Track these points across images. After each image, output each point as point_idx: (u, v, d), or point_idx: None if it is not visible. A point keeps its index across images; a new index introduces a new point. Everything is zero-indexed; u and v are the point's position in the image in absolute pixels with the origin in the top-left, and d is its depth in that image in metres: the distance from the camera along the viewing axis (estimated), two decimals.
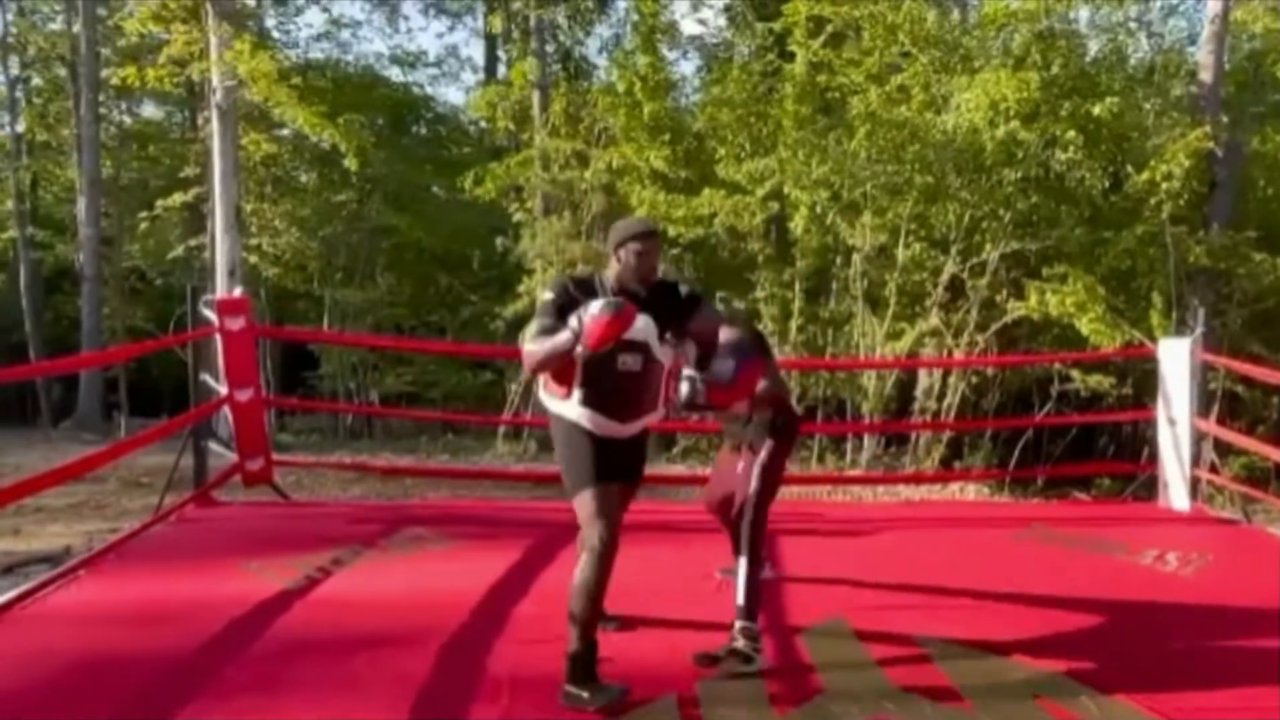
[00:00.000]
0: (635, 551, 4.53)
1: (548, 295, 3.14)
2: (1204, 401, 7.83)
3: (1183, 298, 9.39)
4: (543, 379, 3.24)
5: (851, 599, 3.94)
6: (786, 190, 10.19)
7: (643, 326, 3.02)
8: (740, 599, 3.29)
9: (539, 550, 4.78)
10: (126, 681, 3.13)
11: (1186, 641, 3.58)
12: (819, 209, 9.98)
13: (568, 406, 3.14)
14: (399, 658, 3.34)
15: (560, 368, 3.08)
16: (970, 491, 8.82)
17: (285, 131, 14.29)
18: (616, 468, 3.15)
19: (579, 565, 3.02)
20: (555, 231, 11.65)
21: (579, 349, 2.93)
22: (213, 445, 6.32)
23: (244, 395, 5.91)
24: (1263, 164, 10.43)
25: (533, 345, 3.10)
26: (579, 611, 2.98)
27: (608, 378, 3.06)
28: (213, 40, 11.57)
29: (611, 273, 3.22)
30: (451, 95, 22.20)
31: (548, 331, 3.05)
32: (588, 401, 3.10)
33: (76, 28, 15.47)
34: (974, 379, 9.83)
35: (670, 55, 14.74)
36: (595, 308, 2.90)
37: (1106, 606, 3.99)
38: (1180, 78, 11.12)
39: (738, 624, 3.25)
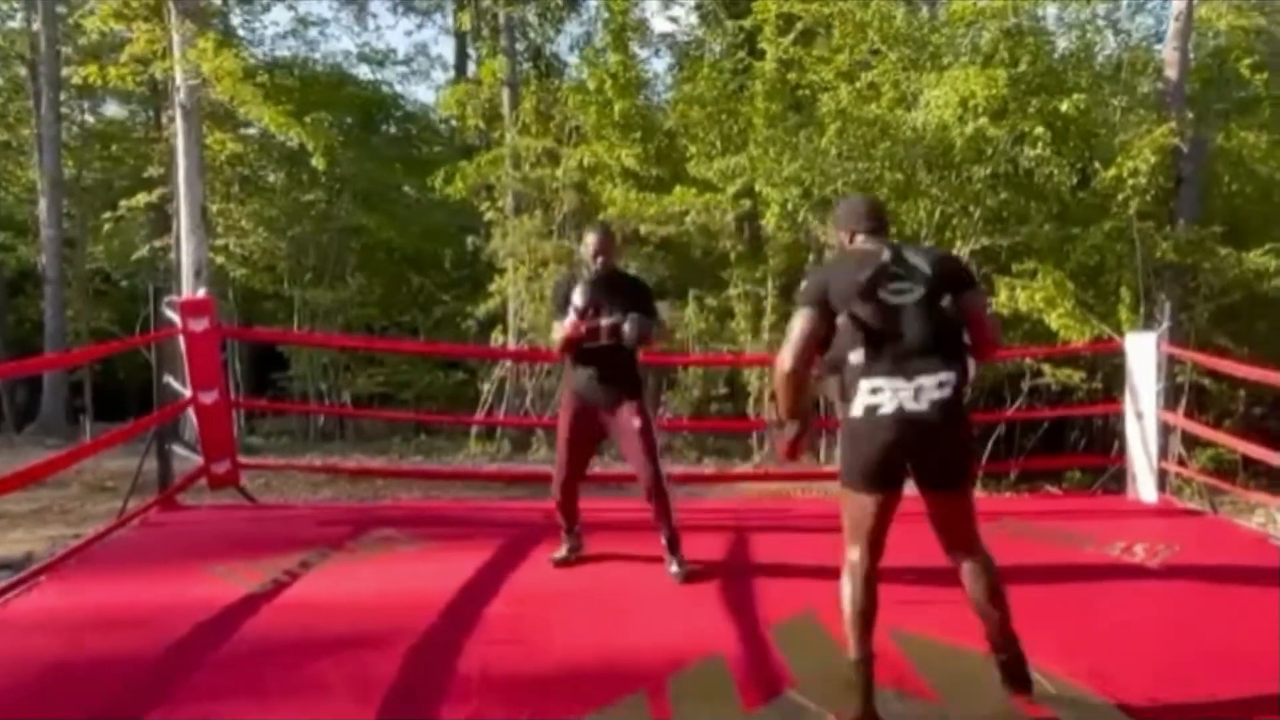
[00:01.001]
0: (607, 548, 4.55)
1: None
2: (1171, 395, 7.90)
3: (1150, 292, 9.48)
4: None
5: (822, 594, 3.90)
6: (758, 188, 10.20)
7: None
8: None
9: (510, 550, 4.73)
10: (90, 688, 3.07)
11: (1152, 632, 3.60)
12: (790, 206, 9.99)
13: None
14: (367, 660, 3.29)
15: None
16: None
17: (252, 131, 14.14)
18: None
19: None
20: (527, 230, 11.60)
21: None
22: (178, 449, 6.21)
23: (209, 397, 5.81)
24: (1227, 160, 10.55)
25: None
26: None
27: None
28: (175, 38, 11.41)
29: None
30: (421, 94, 22.12)
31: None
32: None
33: (36, 25, 15.20)
34: None
35: (641, 53, 14.71)
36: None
37: (1074, 598, 4.01)
38: (1147, 75, 11.23)
39: None
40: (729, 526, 5.20)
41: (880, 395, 2.72)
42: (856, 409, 2.78)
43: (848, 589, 2.92)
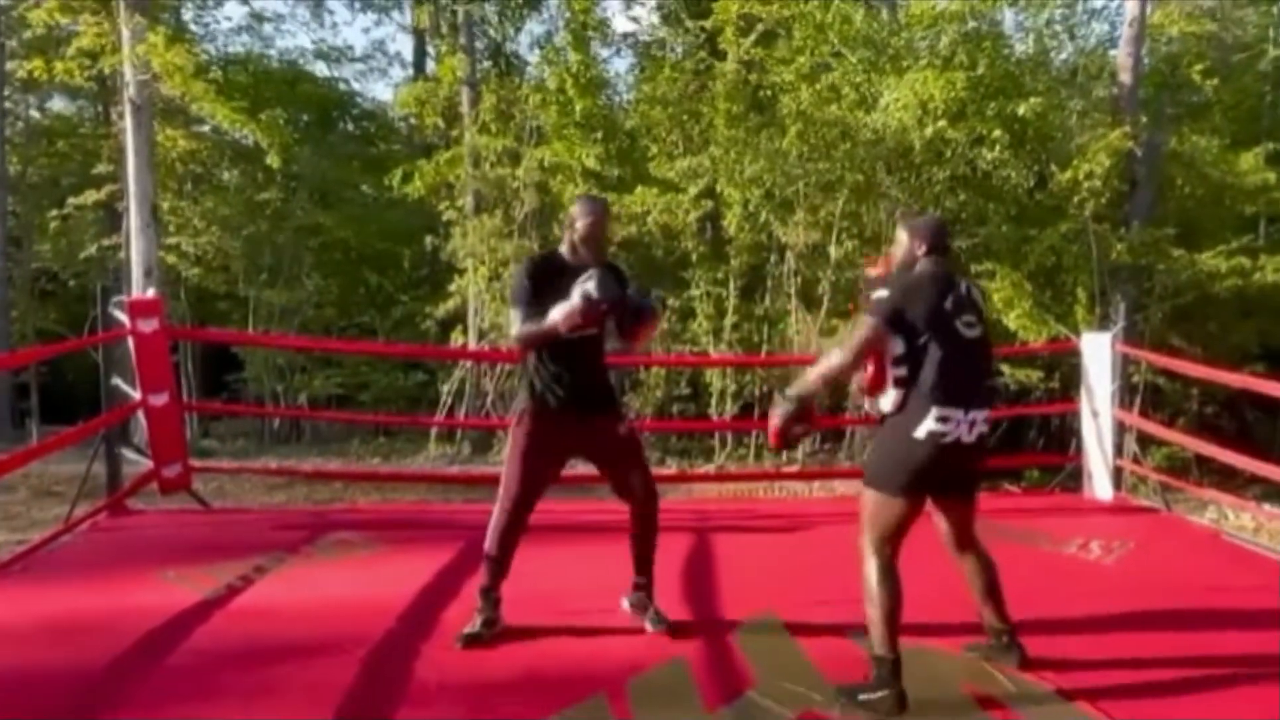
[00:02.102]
0: (568, 551, 4.50)
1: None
2: (1126, 394, 8.02)
3: (1106, 293, 9.63)
4: None
5: (784, 594, 3.92)
6: (719, 188, 10.21)
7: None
8: None
9: (469, 553, 4.64)
10: (36, 699, 2.99)
11: (1108, 628, 3.63)
12: (752, 207, 10.03)
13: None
14: (323, 666, 3.24)
15: None
16: None
17: (205, 128, 13.87)
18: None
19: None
20: (487, 230, 11.50)
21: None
22: (128, 452, 6.06)
23: (158, 400, 5.67)
24: (1180, 163, 10.74)
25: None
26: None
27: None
28: (124, 32, 11.16)
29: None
30: (379, 91, 21.83)
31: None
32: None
33: None
34: None
35: (603, 53, 14.67)
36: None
37: (1031, 595, 3.99)
38: (1102, 79, 11.42)
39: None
40: (691, 527, 5.18)
41: (947, 425, 2.91)
42: (920, 430, 2.93)
43: (884, 590, 3.02)
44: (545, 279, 3.34)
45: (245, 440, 13.02)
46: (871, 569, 3.05)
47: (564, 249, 3.49)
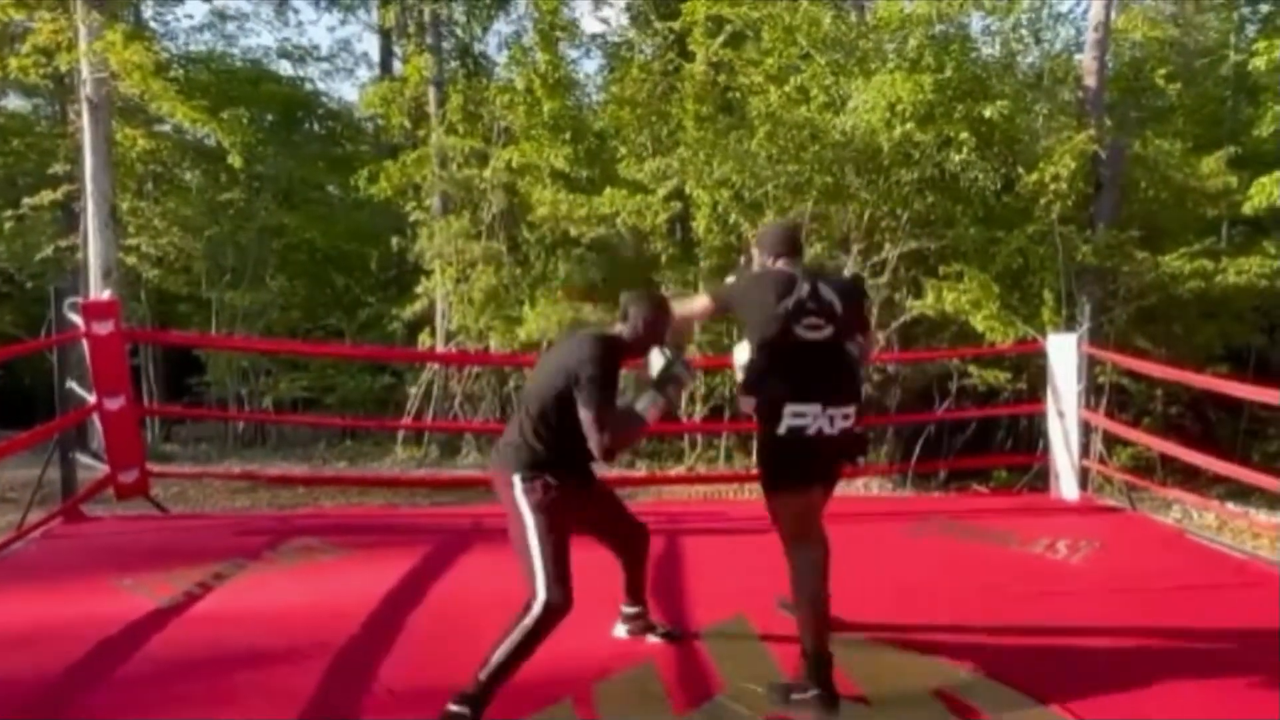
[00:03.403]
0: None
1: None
2: (1092, 395, 8.09)
3: (1072, 295, 9.71)
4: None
5: (753, 597, 3.89)
6: (688, 189, 10.19)
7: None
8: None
9: (435, 558, 4.60)
10: None
11: (1075, 627, 3.64)
12: (721, 208, 10.01)
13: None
14: (284, 673, 3.19)
15: None
16: (874, 487, 8.94)
17: (166, 127, 13.64)
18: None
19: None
20: (454, 231, 11.41)
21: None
22: (83, 457, 5.92)
23: (114, 403, 5.54)
24: (1144, 166, 10.85)
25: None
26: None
27: None
28: (81, 29, 10.94)
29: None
30: (345, 91, 21.64)
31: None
32: None
33: None
34: (876, 376, 9.98)
35: (572, 54, 14.64)
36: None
37: (998, 596, 4.07)
38: (1067, 83, 11.52)
39: None
40: (660, 530, 5.10)
41: (804, 419, 3.00)
42: (781, 428, 3.02)
43: (808, 587, 3.07)
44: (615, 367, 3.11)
45: (208, 444, 12.80)
46: (792, 568, 3.12)
47: (624, 334, 3.18)
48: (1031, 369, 9.34)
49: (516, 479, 3.03)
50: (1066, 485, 6.25)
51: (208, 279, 13.54)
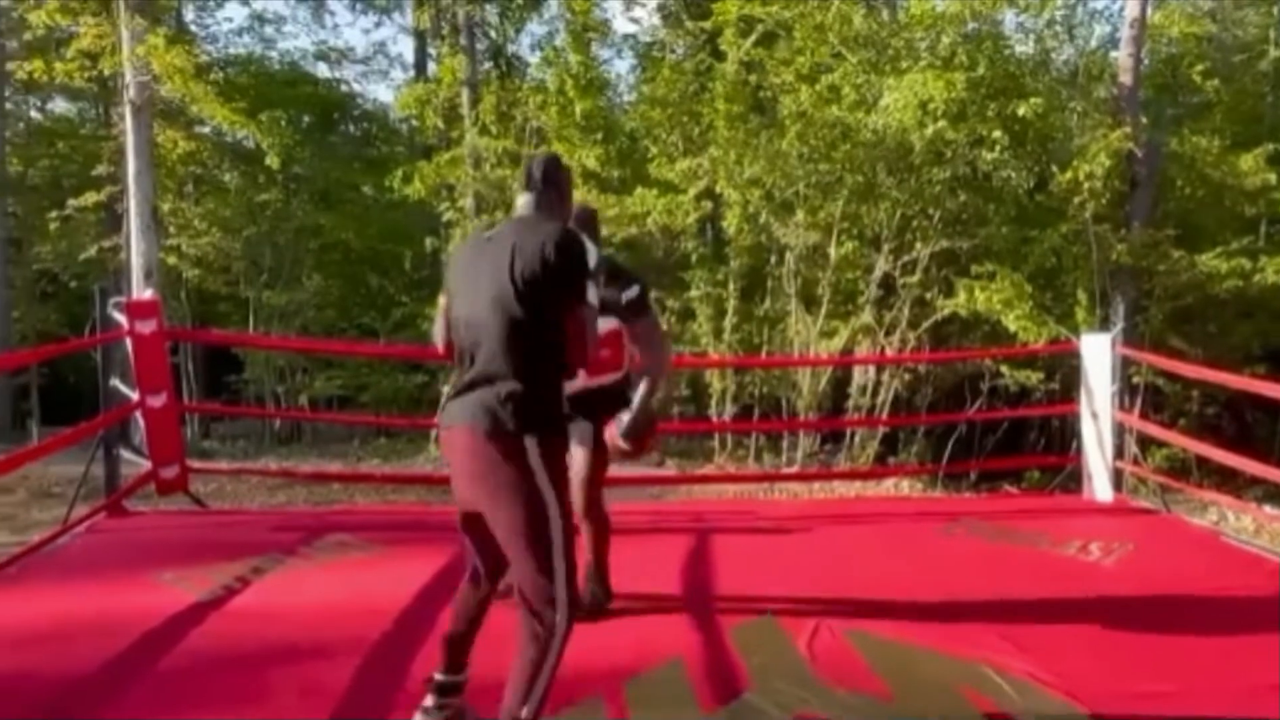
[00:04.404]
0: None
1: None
2: (1127, 395, 8.00)
3: (1106, 294, 9.62)
4: None
5: (781, 596, 3.92)
6: (719, 189, 10.20)
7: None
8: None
9: (468, 555, 4.65)
10: (33, 699, 2.99)
11: (1107, 629, 3.62)
12: (752, 208, 10.01)
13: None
14: (318, 669, 3.22)
15: None
16: (905, 487, 8.91)
17: (205, 129, 13.88)
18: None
19: None
20: None
21: None
22: (127, 454, 6.06)
23: (156, 401, 5.68)
24: (1180, 164, 10.73)
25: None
26: None
27: None
28: (125, 33, 11.17)
29: None
30: (380, 93, 21.87)
31: None
32: None
33: None
34: (907, 376, 9.95)
35: (603, 54, 14.70)
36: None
37: (1030, 597, 4.03)
38: (1102, 80, 11.40)
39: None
40: (690, 529, 5.17)
41: None
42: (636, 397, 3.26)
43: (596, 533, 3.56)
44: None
45: (246, 441, 13.02)
46: (593, 519, 3.57)
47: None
48: (1064, 369, 9.27)
49: (529, 443, 2.40)
50: (1100, 487, 6.20)
51: (245, 279, 13.77)
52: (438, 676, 2.71)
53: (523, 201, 2.64)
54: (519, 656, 2.39)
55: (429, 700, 2.69)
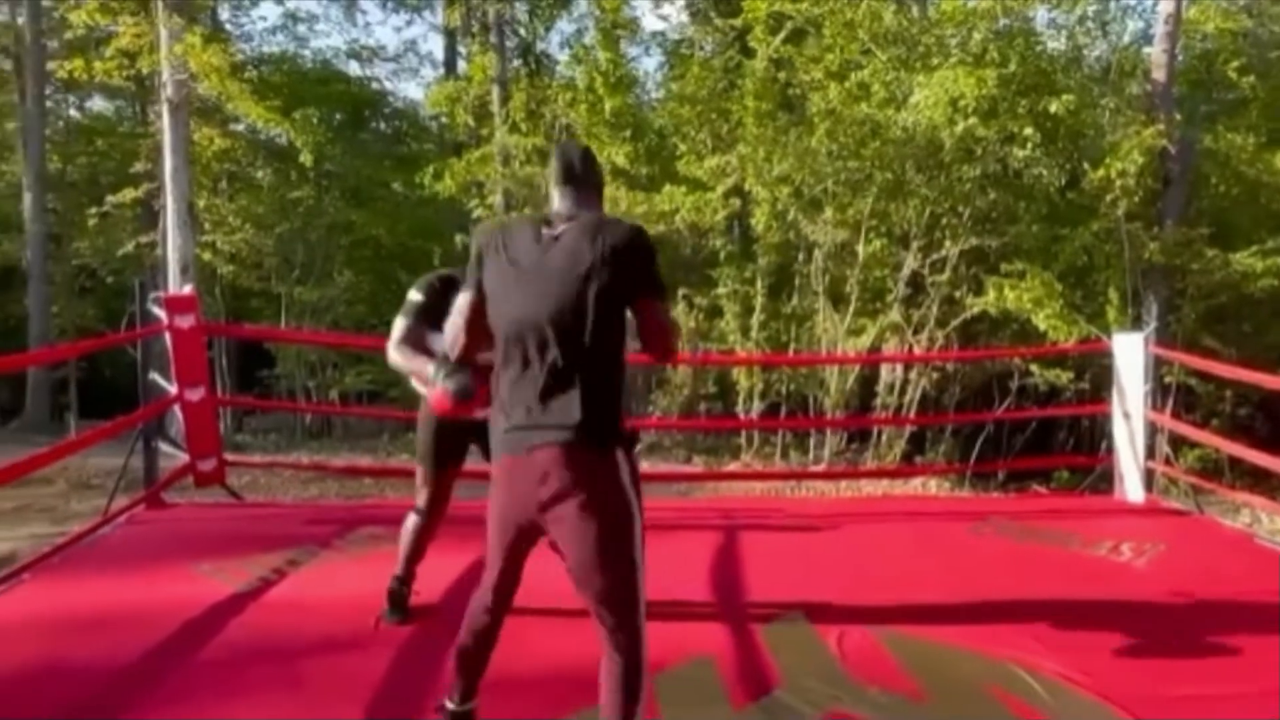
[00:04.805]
0: None
1: (415, 297, 3.40)
2: (1159, 395, 7.94)
3: (1139, 293, 9.53)
4: None
5: (811, 593, 3.93)
6: (748, 186, 10.20)
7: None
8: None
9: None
10: (73, 688, 3.04)
11: (1139, 630, 3.60)
12: (780, 205, 10.01)
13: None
14: (353, 660, 3.28)
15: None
16: (932, 486, 8.88)
17: (239, 126, 14.05)
18: (468, 444, 3.53)
19: (410, 518, 3.72)
20: None
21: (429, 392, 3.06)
22: (164, 446, 6.17)
23: (194, 394, 5.77)
24: (1215, 161, 10.60)
25: (396, 354, 3.35)
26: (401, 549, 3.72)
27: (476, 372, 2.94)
28: (163, 33, 11.34)
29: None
30: (410, 90, 22.03)
31: (410, 337, 3.34)
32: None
33: (21, 19, 15.10)
34: (935, 374, 9.91)
35: (632, 51, 14.72)
36: (442, 378, 2.86)
37: (1061, 597, 4.01)
38: (1135, 76, 11.28)
39: None
40: (718, 525, 5.20)
41: None
42: None
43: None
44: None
45: (277, 435, 13.18)
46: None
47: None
48: (1095, 369, 9.20)
49: (620, 457, 2.33)
50: (1131, 487, 6.16)
51: (278, 274, 13.93)
52: (451, 706, 2.63)
53: (567, 195, 2.49)
54: (611, 672, 2.32)
55: None
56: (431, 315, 3.24)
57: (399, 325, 3.36)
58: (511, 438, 2.33)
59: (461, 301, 2.50)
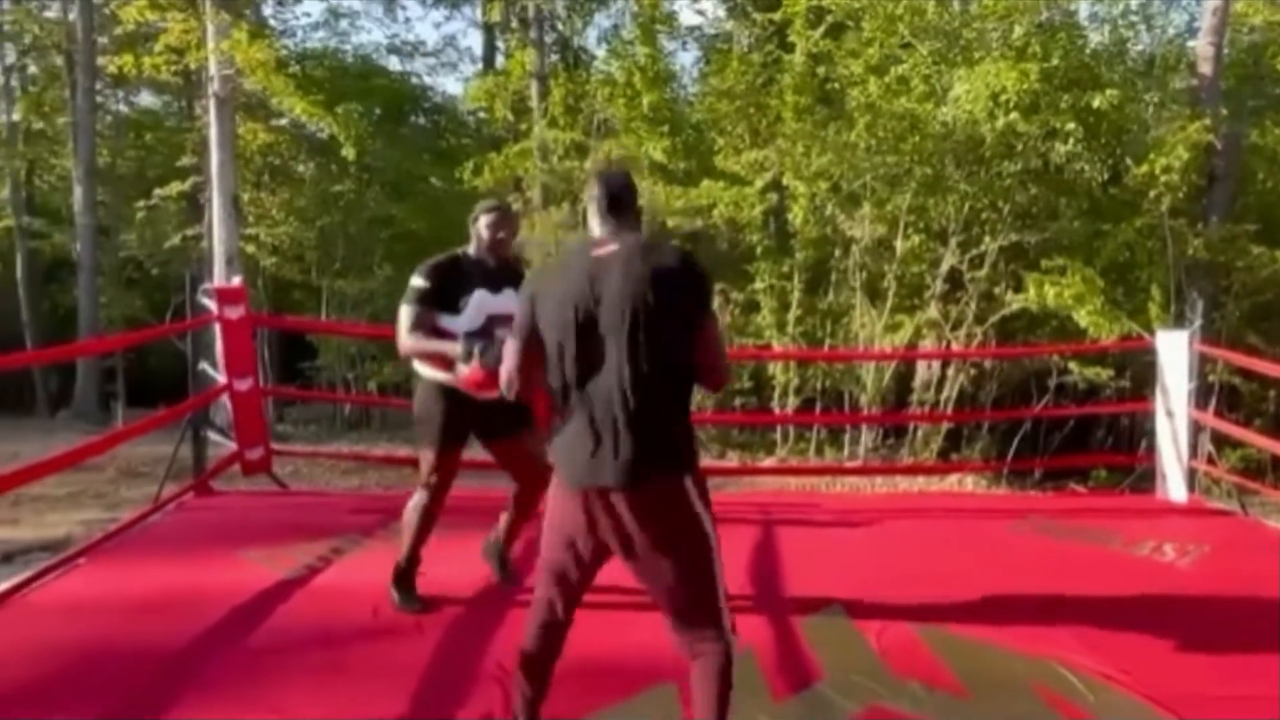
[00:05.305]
0: None
1: (420, 283, 3.42)
2: (1202, 393, 7.83)
3: (1182, 290, 9.40)
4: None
5: (849, 589, 3.94)
6: (786, 181, 10.19)
7: (507, 300, 3.23)
8: None
9: (538, 539, 4.74)
10: (126, 670, 3.13)
11: (1182, 630, 3.58)
12: (818, 200, 9.98)
13: (441, 374, 3.47)
14: (398, 646, 3.35)
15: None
16: (968, 483, 8.84)
17: (282, 121, 14.24)
18: (474, 424, 3.62)
19: (414, 498, 3.80)
20: (554, 222, 11.63)
21: (459, 371, 3.21)
22: (210, 435, 6.30)
23: (243, 384, 5.90)
24: (1262, 157, 10.43)
25: (411, 340, 3.42)
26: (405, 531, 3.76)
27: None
28: (210, 28, 11.52)
29: (471, 247, 3.54)
30: (449, 86, 22.23)
31: (421, 323, 3.38)
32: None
33: (73, 15, 15.42)
34: (972, 371, 9.84)
35: (669, 46, 14.73)
36: (478, 355, 3.11)
37: (1103, 596, 4.00)
38: (1180, 70, 11.11)
39: None
40: (755, 520, 5.22)
41: None
42: None
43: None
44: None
45: (316, 426, 13.38)
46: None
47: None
48: (1135, 366, 9.09)
49: (689, 483, 2.36)
50: (1174, 487, 6.10)
51: (319, 267, 14.12)
52: None
53: (609, 224, 2.49)
54: (705, 690, 2.36)
55: None
56: (438, 299, 3.38)
57: (407, 312, 3.42)
58: (578, 469, 2.34)
59: (512, 348, 2.52)
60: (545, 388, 2.45)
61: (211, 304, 5.81)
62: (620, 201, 2.50)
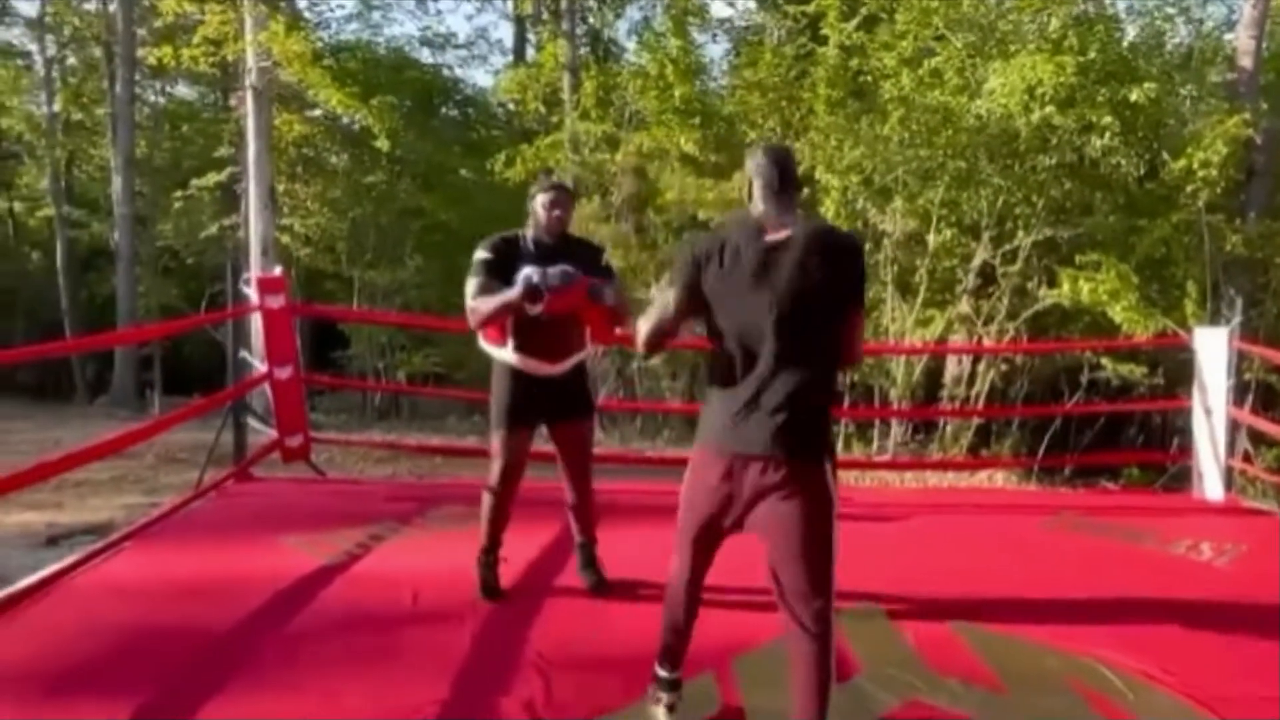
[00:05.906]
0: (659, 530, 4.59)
1: (482, 255, 3.53)
2: (1238, 391, 7.76)
3: (1218, 287, 9.29)
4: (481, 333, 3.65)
5: (884, 584, 3.95)
6: (817, 174, 10.15)
7: (562, 273, 3.33)
8: None
9: (569, 529, 4.80)
10: (169, 654, 3.19)
11: (1221, 629, 3.57)
12: (850, 193, 9.94)
13: (504, 353, 3.58)
14: (439, 633, 3.39)
15: (499, 321, 3.48)
16: (998, 479, 8.80)
17: (316, 112, 14.38)
18: (540, 409, 3.65)
19: (485, 497, 3.83)
20: (585, 214, 11.66)
21: (532, 307, 3.29)
22: (250, 422, 6.40)
23: (284, 373, 5.99)
24: None
25: (477, 303, 3.46)
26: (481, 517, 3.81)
27: (537, 324, 3.42)
28: (247, 21, 11.64)
29: (529, 227, 3.64)
30: (480, 78, 22.33)
31: (486, 289, 3.43)
32: (521, 347, 3.55)
33: (113, 7, 15.64)
34: (1003, 366, 9.79)
35: (700, 38, 14.72)
36: (545, 278, 3.28)
37: (1140, 594, 3.99)
38: (1218, 64, 10.95)
39: None
40: None
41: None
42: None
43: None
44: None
45: (348, 415, 13.50)
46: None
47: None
48: (1169, 364, 9.00)
49: (829, 465, 2.48)
50: (1210, 485, 6.06)
51: (350, 258, 14.25)
52: (667, 674, 2.81)
53: (779, 201, 2.54)
54: (806, 664, 2.49)
55: (666, 698, 2.79)
56: (501, 270, 3.46)
57: (473, 283, 3.50)
58: (727, 436, 2.44)
59: (667, 300, 2.54)
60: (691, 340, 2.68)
61: (253, 293, 5.89)
62: (787, 175, 2.56)
